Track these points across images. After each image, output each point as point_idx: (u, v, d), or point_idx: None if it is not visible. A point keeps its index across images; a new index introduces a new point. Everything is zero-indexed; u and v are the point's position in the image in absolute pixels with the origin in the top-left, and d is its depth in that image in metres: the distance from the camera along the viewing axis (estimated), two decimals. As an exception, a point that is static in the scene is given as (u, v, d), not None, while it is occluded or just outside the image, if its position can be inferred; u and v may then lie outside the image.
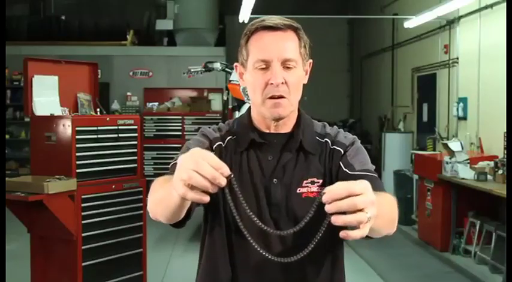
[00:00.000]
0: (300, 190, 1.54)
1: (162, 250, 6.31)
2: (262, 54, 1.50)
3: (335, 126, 1.66)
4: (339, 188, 1.17)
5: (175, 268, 5.75)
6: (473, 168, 5.88)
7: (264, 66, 1.50)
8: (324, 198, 1.16)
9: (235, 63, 1.62)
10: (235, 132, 1.62)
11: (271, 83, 1.49)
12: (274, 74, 1.49)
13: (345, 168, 1.54)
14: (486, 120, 6.71)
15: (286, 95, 1.51)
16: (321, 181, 1.55)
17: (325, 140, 1.60)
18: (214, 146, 1.58)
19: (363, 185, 1.18)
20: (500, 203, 5.62)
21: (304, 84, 1.59)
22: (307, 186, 1.54)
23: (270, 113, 1.53)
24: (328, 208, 1.16)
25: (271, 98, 1.51)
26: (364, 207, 1.15)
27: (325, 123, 1.68)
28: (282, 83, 1.50)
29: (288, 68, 1.51)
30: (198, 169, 1.19)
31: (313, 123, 1.64)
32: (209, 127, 1.66)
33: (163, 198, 1.37)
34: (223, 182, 1.21)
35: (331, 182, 1.52)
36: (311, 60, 1.60)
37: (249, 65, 1.53)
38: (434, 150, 7.73)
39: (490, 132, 6.57)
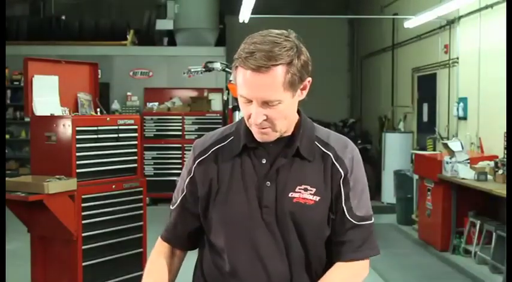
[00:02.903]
0: (292, 195, 1.55)
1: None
2: (244, 92, 1.49)
3: (341, 137, 1.65)
4: None
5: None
6: (473, 168, 5.87)
7: (247, 101, 1.50)
8: None
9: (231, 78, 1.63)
10: (231, 137, 1.63)
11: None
12: (253, 114, 1.49)
13: (346, 209, 1.58)
14: (486, 120, 6.70)
15: (270, 127, 1.51)
16: (314, 190, 1.55)
17: (328, 153, 1.59)
18: (194, 165, 1.64)
19: None
20: (500, 203, 5.61)
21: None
22: (300, 192, 1.55)
23: (258, 138, 1.55)
24: None
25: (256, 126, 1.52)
26: None
27: (331, 131, 1.66)
28: (264, 119, 1.50)
29: (271, 105, 1.48)
30: None
31: (314, 128, 1.63)
32: (204, 136, 1.70)
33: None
34: None
35: (328, 196, 1.57)
36: (310, 78, 1.54)
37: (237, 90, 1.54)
38: (434, 150, 7.73)
39: (490, 132, 6.56)
